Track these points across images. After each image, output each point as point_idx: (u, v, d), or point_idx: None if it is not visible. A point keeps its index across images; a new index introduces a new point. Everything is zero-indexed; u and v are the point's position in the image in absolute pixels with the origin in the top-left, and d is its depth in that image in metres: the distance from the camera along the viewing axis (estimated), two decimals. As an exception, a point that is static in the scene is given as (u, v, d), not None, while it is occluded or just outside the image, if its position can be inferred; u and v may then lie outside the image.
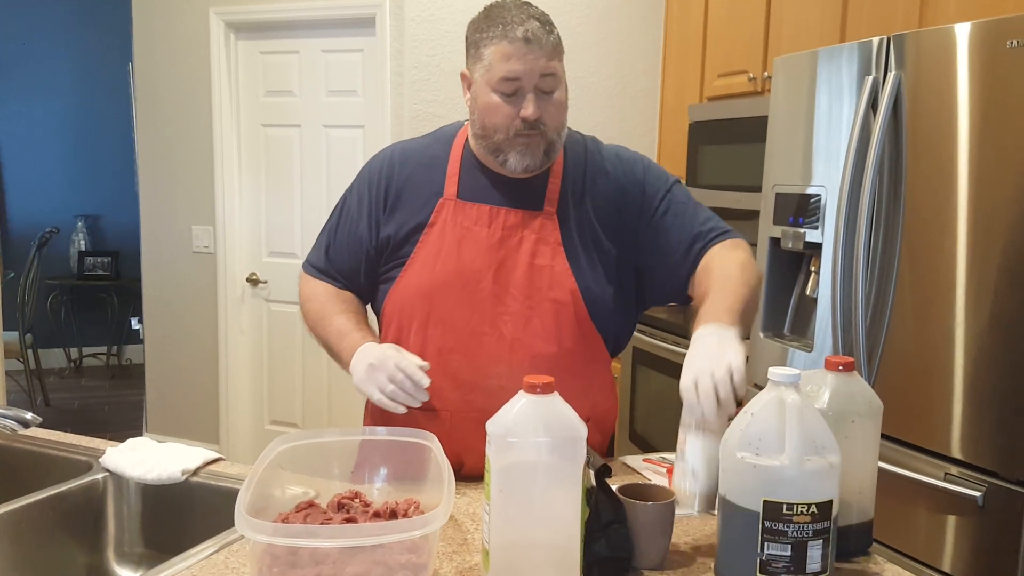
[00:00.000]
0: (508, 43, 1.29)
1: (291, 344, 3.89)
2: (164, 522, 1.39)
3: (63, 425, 4.30)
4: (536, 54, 1.29)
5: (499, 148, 1.35)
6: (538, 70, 1.29)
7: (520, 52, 1.28)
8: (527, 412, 0.97)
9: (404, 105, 3.48)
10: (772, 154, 2.37)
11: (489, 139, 1.36)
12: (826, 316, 2.11)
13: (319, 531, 0.97)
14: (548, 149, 1.35)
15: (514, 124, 1.32)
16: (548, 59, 1.30)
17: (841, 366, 1.10)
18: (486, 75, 1.32)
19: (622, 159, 1.48)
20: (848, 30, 2.50)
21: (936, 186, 1.81)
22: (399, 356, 1.31)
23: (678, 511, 1.10)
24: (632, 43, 3.68)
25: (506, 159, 1.35)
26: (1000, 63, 1.67)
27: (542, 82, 1.31)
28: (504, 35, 1.29)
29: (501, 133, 1.33)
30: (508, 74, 1.29)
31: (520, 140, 1.33)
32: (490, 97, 1.33)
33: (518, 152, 1.34)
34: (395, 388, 1.28)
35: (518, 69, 1.29)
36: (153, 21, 3.92)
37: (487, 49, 1.31)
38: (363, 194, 1.47)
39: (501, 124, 1.33)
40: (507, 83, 1.30)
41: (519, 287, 1.37)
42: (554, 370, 1.33)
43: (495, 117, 1.33)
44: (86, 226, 6.13)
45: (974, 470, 1.73)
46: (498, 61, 1.30)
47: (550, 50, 1.30)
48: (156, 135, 4.00)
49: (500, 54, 1.29)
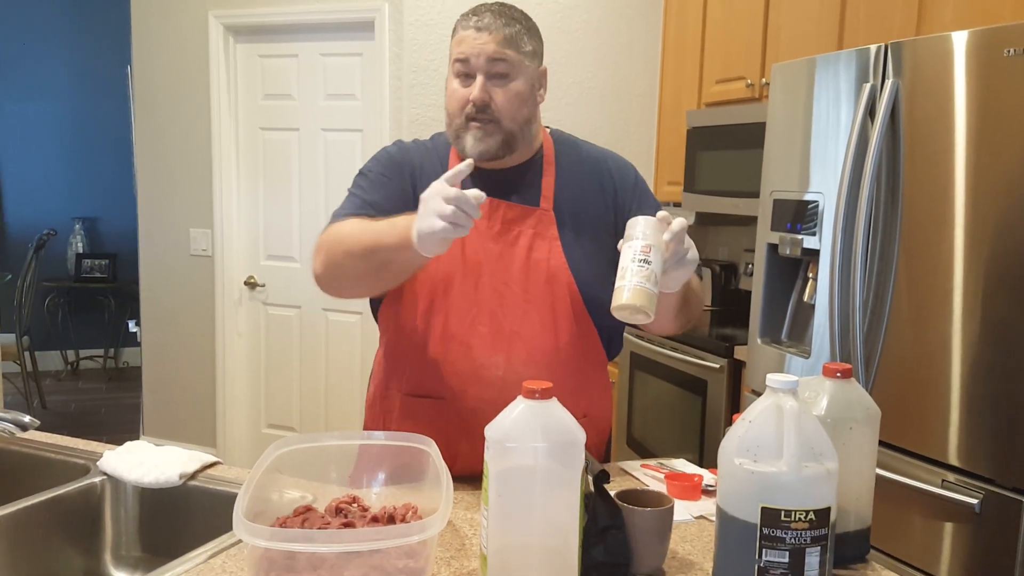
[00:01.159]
0: (463, 29, 1.39)
1: (288, 347, 3.89)
2: (161, 526, 1.39)
3: (59, 428, 4.28)
4: (485, 39, 1.36)
5: (457, 134, 1.40)
6: (486, 53, 1.35)
7: (471, 36, 1.37)
8: (525, 417, 0.97)
9: (403, 109, 3.48)
10: (770, 160, 2.38)
11: (451, 125, 1.41)
12: (824, 322, 2.12)
13: (317, 536, 0.97)
14: (507, 139, 1.38)
15: (466, 109, 1.37)
16: (498, 45, 1.36)
17: (839, 373, 1.10)
18: (449, 64, 1.41)
19: (616, 162, 1.52)
20: (846, 37, 2.51)
21: (933, 193, 1.82)
22: (440, 184, 1.20)
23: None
24: (630, 48, 3.69)
25: (463, 145, 1.39)
26: (997, 71, 1.68)
27: (492, 66, 1.36)
28: (461, 24, 1.40)
29: (457, 118, 1.39)
30: (459, 55, 1.37)
31: (474, 125, 1.37)
32: (451, 83, 1.40)
33: (472, 137, 1.37)
34: (454, 208, 1.17)
35: (466, 51, 1.36)
36: (151, 24, 3.92)
37: (453, 39, 1.41)
38: (384, 169, 1.46)
39: (456, 108, 1.38)
40: (458, 64, 1.37)
41: (517, 280, 1.39)
42: (551, 364, 1.33)
43: (451, 102, 1.40)
44: (84, 228, 6.12)
45: (971, 477, 1.73)
46: (455, 46, 1.39)
47: (501, 38, 1.36)
48: (154, 138, 4.00)
49: (456, 40, 1.39)
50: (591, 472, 1.05)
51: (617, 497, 1.08)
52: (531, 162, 1.46)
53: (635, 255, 1.14)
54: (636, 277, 1.12)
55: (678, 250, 1.18)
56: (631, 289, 1.12)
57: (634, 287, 1.12)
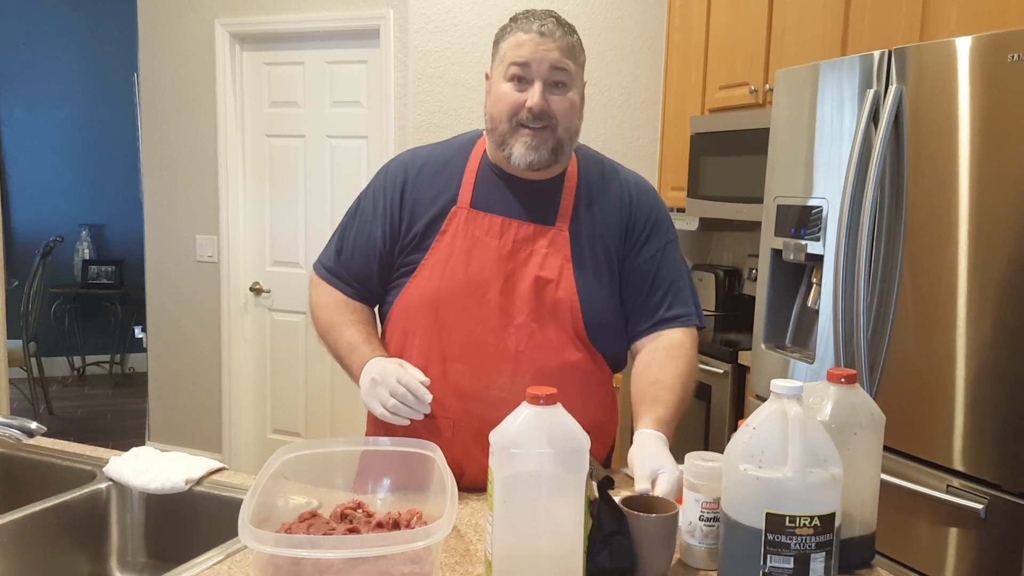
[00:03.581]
0: (523, 33, 1.33)
1: (294, 353, 3.90)
2: (167, 532, 1.39)
3: (66, 433, 4.28)
4: (548, 45, 1.32)
5: (504, 140, 1.36)
6: (549, 60, 1.32)
7: (532, 41, 1.32)
8: (530, 423, 0.97)
9: (408, 116, 3.49)
10: (774, 166, 2.38)
11: (496, 130, 1.37)
12: (828, 328, 2.11)
13: (322, 542, 0.97)
14: (556, 148, 1.36)
15: (520, 113, 1.33)
16: (561, 53, 1.32)
17: (843, 378, 1.10)
18: (500, 66, 1.36)
19: (639, 186, 1.49)
20: (850, 43, 2.51)
21: (937, 198, 1.82)
22: (401, 371, 1.32)
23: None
24: (634, 54, 3.70)
25: (511, 152, 1.35)
26: (1001, 77, 1.68)
27: (552, 74, 1.32)
28: (520, 28, 1.34)
29: (506, 122, 1.34)
30: (517, 59, 1.32)
31: (525, 131, 1.34)
32: (501, 86, 1.35)
33: (523, 144, 1.34)
34: (396, 403, 1.30)
35: (527, 55, 1.32)
36: (159, 31, 3.94)
37: (504, 43, 1.36)
38: (378, 198, 1.47)
39: (506, 113, 1.34)
40: (516, 68, 1.32)
41: (525, 300, 1.38)
42: (556, 383, 1.34)
43: (500, 105, 1.35)
44: (90, 235, 6.14)
45: (976, 482, 1.73)
46: (511, 50, 1.34)
47: (564, 46, 1.33)
48: (161, 144, 4.02)
49: (514, 43, 1.34)
50: (595, 478, 1.05)
51: (622, 503, 1.08)
52: (558, 177, 1.43)
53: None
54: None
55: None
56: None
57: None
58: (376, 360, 1.37)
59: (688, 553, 1.13)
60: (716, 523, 1.09)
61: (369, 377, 1.34)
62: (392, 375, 1.31)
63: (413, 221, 1.43)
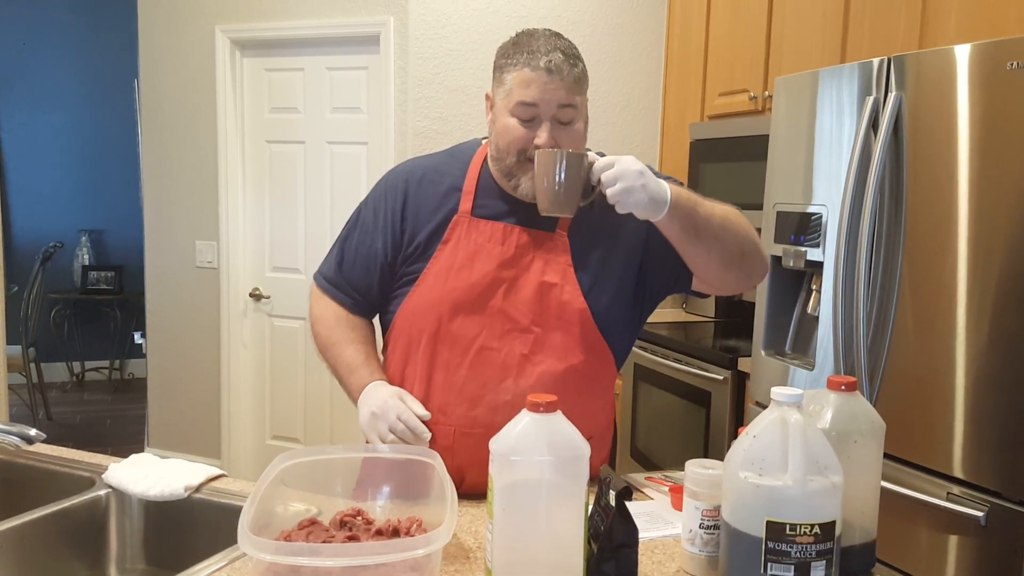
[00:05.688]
0: (530, 70, 1.31)
1: (293, 359, 3.90)
2: (166, 539, 1.39)
3: (65, 439, 4.29)
4: (556, 85, 1.30)
5: (511, 171, 1.37)
6: (556, 100, 1.31)
7: (540, 80, 1.30)
8: (530, 431, 0.97)
9: (408, 122, 3.50)
10: (773, 173, 2.38)
11: (502, 161, 1.38)
12: (827, 334, 2.11)
13: (322, 549, 0.97)
14: None
15: (528, 150, 1.33)
16: (568, 91, 1.32)
17: (843, 386, 1.10)
18: (506, 99, 1.34)
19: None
20: (849, 50, 2.52)
21: (937, 205, 1.82)
22: (401, 406, 1.34)
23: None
24: (634, 61, 3.71)
25: (519, 184, 1.37)
26: (1000, 84, 1.68)
27: (560, 113, 1.32)
28: (527, 63, 1.31)
29: (512, 156, 1.35)
30: (525, 99, 1.31)
31: (531, 166, 1.33)
32: (507, 120, 1.35)
33: (529, 178, 1.35)
34: (395, 439, 1.33)
35: (536, 96, 1.31)
36: (158, 37, 3.95)
37: (509, 75, 1.34)
38: (379, 208, 1.48)
39: (513, 147, 1.35)
40: (524, 108, 1.32)
41: (529, 305, 1.38)
42: (559, 388, 1.33)
43: (505, 139, 1.35)
44: (90, 240, 6.15)
45: (976, 490, 1.73)
46: (518, 86, 1.32)
47: (571, 83, 1.32)
48: (161, 150, 4.02)
49: (521, 80, 1.32)
50: (614, 488, 1.05)
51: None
52: None
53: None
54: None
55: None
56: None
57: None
58: (375, 387, 1.39)
59: (689, 561, 1.13)
60: (716, 531, 1.09)
61: (369, 410, 1.35)
62: (392, 411, 1.33)
63: (416, 231, 1.43)
